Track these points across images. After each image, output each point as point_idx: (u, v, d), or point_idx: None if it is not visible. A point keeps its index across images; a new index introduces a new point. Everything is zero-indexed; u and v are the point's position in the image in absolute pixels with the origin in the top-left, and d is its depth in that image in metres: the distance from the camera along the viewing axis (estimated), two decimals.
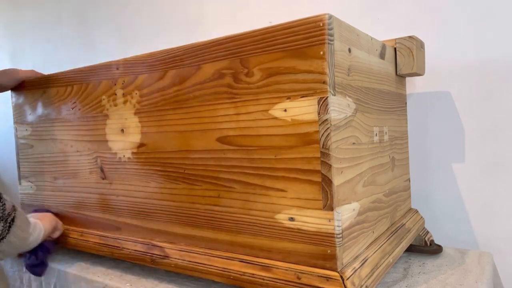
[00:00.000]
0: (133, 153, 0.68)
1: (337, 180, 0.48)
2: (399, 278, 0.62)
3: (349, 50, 0.51)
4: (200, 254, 0.60)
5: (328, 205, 0.47)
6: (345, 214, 0.49)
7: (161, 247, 0.65)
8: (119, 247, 0.70)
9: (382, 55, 0.63)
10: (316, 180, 0.48)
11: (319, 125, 0.47)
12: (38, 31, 1.66)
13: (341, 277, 0.47)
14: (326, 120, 0.47)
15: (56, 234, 0.79)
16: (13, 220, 0.61)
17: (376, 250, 0.56)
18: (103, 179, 0.74)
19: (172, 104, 0.62)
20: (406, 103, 0.76)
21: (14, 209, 0.62)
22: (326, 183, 0.47)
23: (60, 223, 0.80)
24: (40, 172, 0.87)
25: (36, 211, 0.86)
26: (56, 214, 0.83)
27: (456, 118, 0.81)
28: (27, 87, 0.87)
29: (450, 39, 0.80)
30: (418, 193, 0.84)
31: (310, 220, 0.49)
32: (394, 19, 0.86)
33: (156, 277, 0.68)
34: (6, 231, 0.60)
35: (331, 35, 0.47)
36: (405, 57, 0.68)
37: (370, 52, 0.58)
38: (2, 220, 0.60)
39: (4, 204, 0.61)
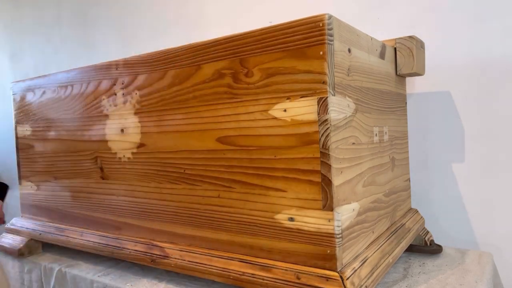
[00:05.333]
0: (133, 153, 0.68)
1: (336, 180, 0.48)
2: (399, 278, 0.62)
3: (349, 50, 0.51)
4: (200, 254, 0.60)
5: (328, 205, 0.47)
6: (345, 214, 0.49)
7: (161, 247, 0.65)
8: (119, 247, 0.70)
9: (382, 55, 0.63)
10: (316, 180, 0.48)
11: (319, 125, 0.47)
12: (38, 31, 1.66)
13: (341, 277, 0.47)
14: (326, 120, 0.47)
15: None
16: None
17: (376, 250, 0.56)
18: (103, 179, 0.74)
19: (172, 104, 0.62)
20: (406, 103, 0.76)
21: None
22: (325, 183, 0.47)
23: None
24: (40, 172, 0.87)
25: None
26: (56, 214, 0.83)
27: (456, 118, 0.81)
28: (28, 87, 0.87)
29: (450, 39, 0.80)
30: (418, 193, 0.84)
31: (310, 220, 0.49)
32: (394, 19, 0.86)
33: (156, 277, 0.68)
34: None
35: (331, 35, 0.47)
36: (405, 57, 0.68)
37: (370, 52, 0.58)
38: None
39: None
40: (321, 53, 0.46)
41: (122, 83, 0.68)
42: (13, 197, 1.75)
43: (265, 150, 0.52)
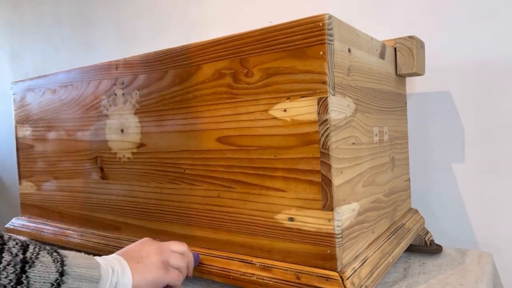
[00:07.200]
0: (133, 153, 0.68)
1: (336, 180, 0.48)
2: (399, 278, 0.62)
3: (349, 50, 0.51)
4: (199, 254, 0.60)
5: (328, 205, 0.47)
6: (345, 214, 0.49)
7: None
8: (119, 247, 0.70)
9: (382, 55, 0.63)
10: (316, 180, 0.48)
11: (319, 125, 0.47)
12: (38, 31, 1.66)
13: (341, 277, 0.47)
14: (326, 120, 0.47)
15: None
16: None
17: (376, 250, 0.56)
18: (103, 179, 0.74)
19: (172, 104, 0.62)
20: (406, 103, 0.76)
21: (58, 283, 0.39)
22: (325, 183, 0.47)
23: (173, 275, 0.50)
24: (40, 172, 0.87)
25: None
26: (56, 214, 0.83)
27: (456, 118, 0.81)
28: (28, 87, 0.87)
29: (450, 39, 0.80)
30: (418, 193, 0.84)
31: (309, 220, 0.49)
32: (394, 19, 0.86)
33: None
34: None
35: (331, 35, 0.47)
36: (405, 57, 0.68)
37: (370, 52, 0.58)
38: None
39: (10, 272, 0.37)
40: (321, 53, 0.46)
41: (122, 83, 0.68)
42: (13, 197, 1.75)
43: (265, 150, 0.52)
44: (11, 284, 0.37)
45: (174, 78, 0.61)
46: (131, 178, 0.69)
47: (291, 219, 0.51)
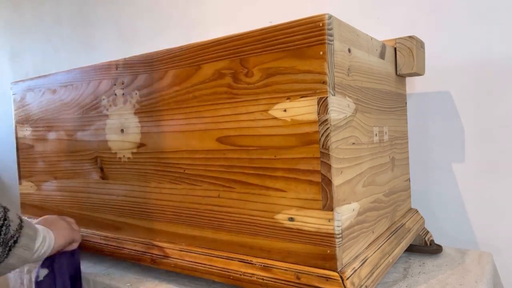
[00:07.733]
0: (133, 153, 0.68)
1: (336, 180, 0.48)
2: (399, 278, 0.62)
3: (349, 50, 0.51)
4: (200, 254, 0.60)
5: (328, 205, 0.47)
6: (345, 214, 0.49)
7: (161, 247, 0.65)
8: (119, 247, 0.70)
9: (382, 55, 0.63)
10: (316, 180, 0.48)
11: (319, 125, 0.47)
12: (38, 31, 1.66)
13: (341, 277, 0.47)
14: (326, 120, 0.47)
15: (73, 247, 0.69)
16: (16, 241, 0.54)
17: (376, 250, 0.56)
18: (103, 179, 0.74)
19: (172, 104, 0.62)
20: (406, 103, 0.76)
21: (20, 226, 0.55)
22: (325, 183, 0.47)
23: (77, 234, 0.69)
24: (40, 172, 0.87)
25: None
26: (56, 214, 0.83)
27: (456, 118, 0.81)
28: (28, 87, 0.87)
29: (450, 39, 0.80)
30: (418, 193, 0.84)
31: (309, 220, 0.49)
32: (394, 19, 0.86)
33: (156, 277, 0.68)
34: (5, 255, 0.53)
35: (331, 35, 0.47)
36: (405, 57, 0.68)
37: (370, 52, 0.58)
38: (2, 245, 0.52)
39: (9, 225, 0.54)
40: (321, 53, 0.46)
41: (122, 83, 0.68)
42: (13, 197, 1.75)
43: (265, 150, 0.52)
44: (2, 218, 0.53)
45: (174, 78, 0.61)
46: (131, 178, 0.69)
47: (291, 219, 0.51)
